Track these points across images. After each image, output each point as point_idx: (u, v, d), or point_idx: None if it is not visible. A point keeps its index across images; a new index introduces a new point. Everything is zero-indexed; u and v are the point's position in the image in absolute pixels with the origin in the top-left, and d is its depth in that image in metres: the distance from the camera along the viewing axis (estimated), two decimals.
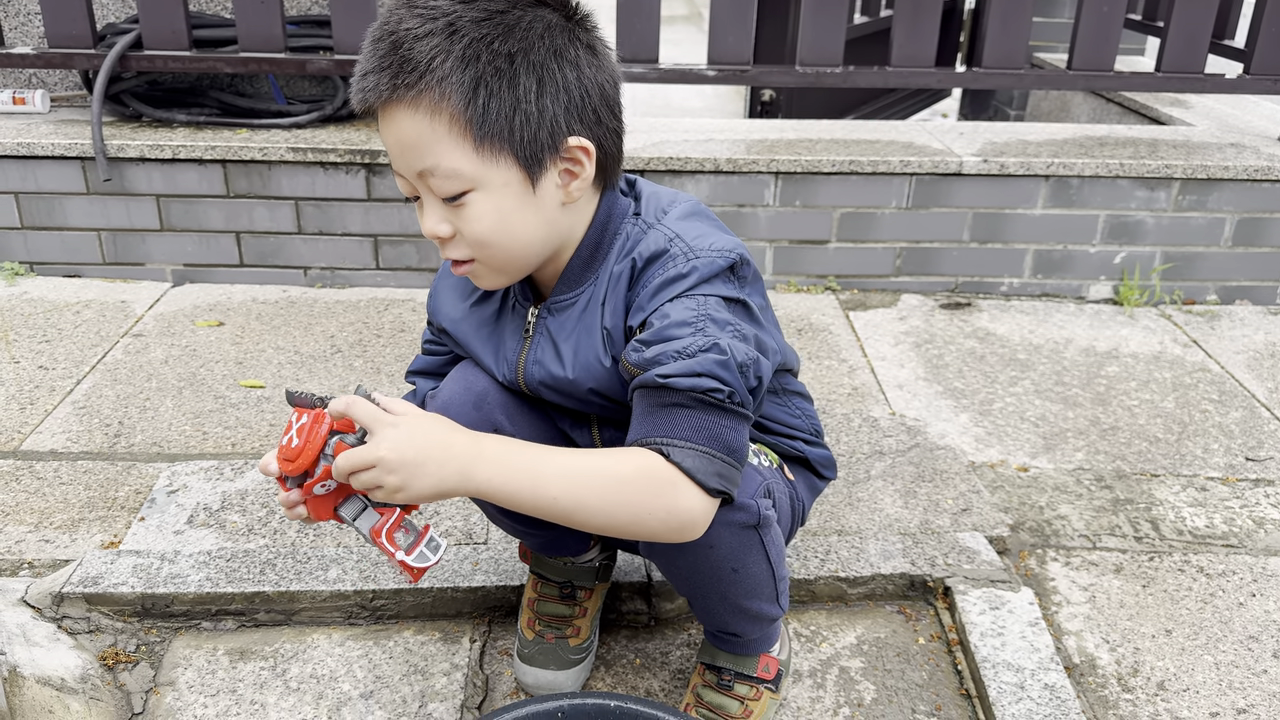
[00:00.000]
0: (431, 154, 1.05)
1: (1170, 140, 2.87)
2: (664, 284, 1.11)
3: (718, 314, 1.09)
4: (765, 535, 1.21)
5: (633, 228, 1.18)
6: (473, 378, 1.27)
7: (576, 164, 1.10)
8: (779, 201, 2.66)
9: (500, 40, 1.03)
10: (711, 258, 1.11)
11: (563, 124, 1.07)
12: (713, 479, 1.07)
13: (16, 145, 2.55)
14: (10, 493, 1.80)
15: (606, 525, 1.07)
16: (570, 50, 1.07)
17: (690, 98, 5.46)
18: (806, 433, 1.41)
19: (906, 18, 2.66)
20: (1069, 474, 1.96)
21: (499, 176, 1.07)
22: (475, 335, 1.28)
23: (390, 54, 1.04)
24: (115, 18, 2.89)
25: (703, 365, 1.05)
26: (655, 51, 2.62)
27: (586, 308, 1.18)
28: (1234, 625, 1.58)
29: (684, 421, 1.06)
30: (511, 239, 1.11)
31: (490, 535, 1.69)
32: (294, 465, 1.03)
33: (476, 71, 1.03)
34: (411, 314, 2.55)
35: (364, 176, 2.60)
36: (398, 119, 1.06)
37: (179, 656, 1.49)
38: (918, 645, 1.54)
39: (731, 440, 1.09)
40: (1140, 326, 2.61)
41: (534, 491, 1.04)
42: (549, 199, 1.11)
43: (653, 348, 1.08)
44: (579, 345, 1.19)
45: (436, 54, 1.02)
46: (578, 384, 1.20)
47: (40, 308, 2.52)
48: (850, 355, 2.41)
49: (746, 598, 1.26)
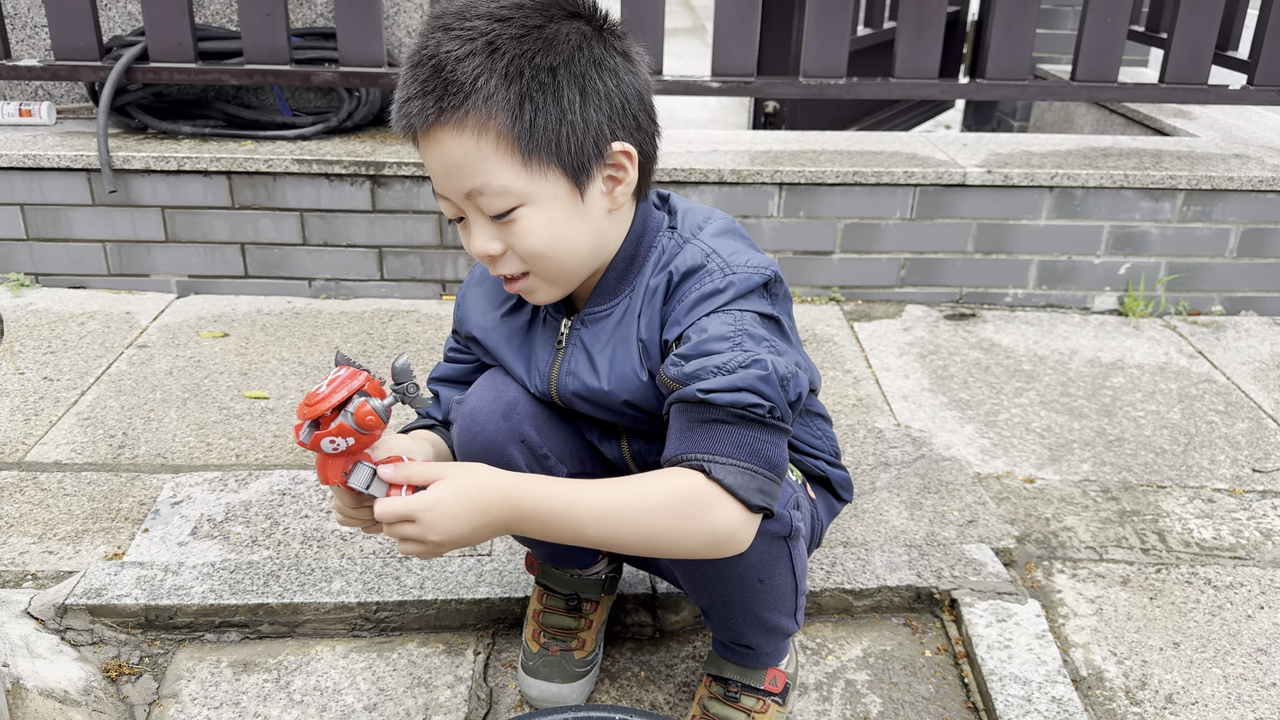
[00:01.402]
0: (480, 173, 1.06)
1: (1174, 151, 2.87)
2: (701, 298, 1.11)
3: (754, 329, 1.09)
4: (794, 547, 1.21)
5: (668, 241, 1.19)
6: (502, 386, 1.27)
7: (620, 169, 1.11)
8: (783, 212, 2.66)
9: (542, 54, 1.04)
10: (748, 274, 1.12)
11: (606, 132, 1.08)
12: (755, 495, 1.07)
13: (23, 157, 2.56)
14: (14, 504, 1.80)
15: (647, 551, 1.09)
16: (609, 59, 1.08)
17: (694, 110, 5.47)
18: (827, 454, 1.41)
19: (910, 29, 2.66)
20: (1075, 485, 1.96)
21: (548, 189, 1.07)
22: (506, 345, 1.28)
23: (433, 77, 1.04)
24: (121, 30, 2.90)
25: (744, 380, 1.05)
26: (660, 63, 2.63)
27: (622, 320, 1.19)
28: (1242, 638, 1.57)
29: (725, 437, 1.06)
30: (564, 250, 1.11)
31: (494, 547, 1.69)
32: (310, 410, 1.02)
33: (521, 87, 1.03)
34: (416, 325, 2.55)
35: (369, 188, 2.60)
36: (443, 141, 1.06)
37: (182, 668, 1.48)
38: (924, 658, 1.53)
39: (773, 455, 1.08)
40: (1145, 337, 2.60)
41: (572, 533, 1.07)
42: (596, 207, 1.12)
43: (692, 362, 1.08)
44: (615, 357, 1.19)
45: (480, 73, 1.03)
46: (613, 395, 1.20)
47: (45, 319, 2.52)
48: (855, 366, 2.41)
49: (767, 609, 1.25)
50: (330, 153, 2.61)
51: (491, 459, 1.27)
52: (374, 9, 2.54)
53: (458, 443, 1.28)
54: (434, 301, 2.71)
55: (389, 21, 2.90)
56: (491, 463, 1.27)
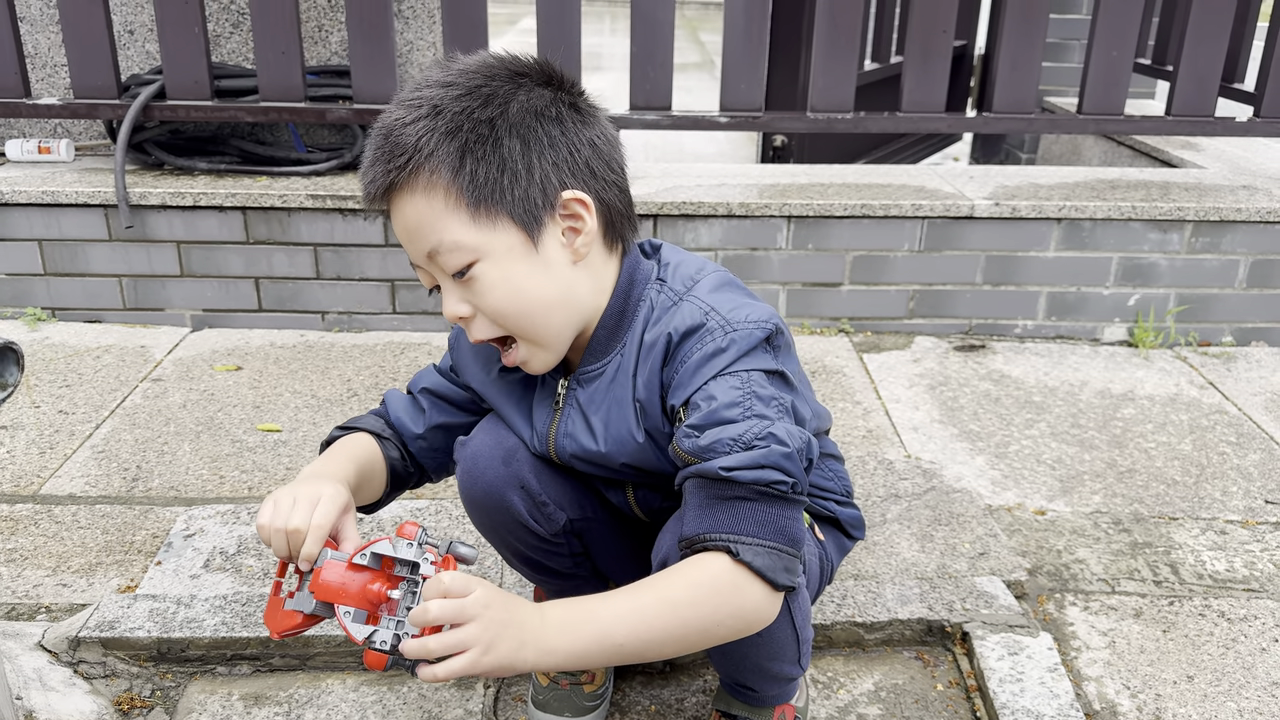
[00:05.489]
0: (434, 231, 1.08)
1: (1182, 183, 2.88)
2: (704, 359, 1.10)
3: (762, 390, 1.08)
4: (793, 602, 1.20)
5: (657, 294, 1.17)
6: (504, 431, 1.27)
7: (577, 219, 1.11)
8: (791, 245, 2.68)
9: (480, 109, 1.06)
10: (749, 330, 1.11)
11: (553, 179, 1.08)
12: (781, 574, 1.06)
13: (41, 193, 2.59)
14: (29, 536, 1.81)
15: (681, 650, 1.08)
16: (551, 109, 1.09)
17: (703, 143, 5.52)
18: (838, 493, 1.40)
19: (916, 64, 2.69)
20: (1086, 517, 1.95)
21: (501, 242, 1.08)
22: (505, 401, 1.27)
23: (383, 144, 1.08)
24: (139, 69, 2.95)
25: (767, 457, 1.04)
26: (668, 99, 2.66)
27: (615, 378, 1.18)
28: (1257, 671, 1.56)
29: (748, 516, 1.05)
30: (526, 304, 1.10)
31: (505, 579, 1.69)
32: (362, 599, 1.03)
33: (460, 141, 1.05)
34: (427, 357, 2.57)
35: (381, 222, 2.63)
36: (400, 206, 1.09)
37: (194, 702, 1.48)
38: (936, 691, 1.53)
39: (795, 532, 1.07)
40: (1156, 368, 2.60)
41: (601, 650, 1.04)
42: (556, 258, 1.11)
43: (706, 434, 1.06)
44: (610, 418, 1.18)
45: (423, 134, 1.06)
46: (610, 458, 1.19)
47: (61, 353, 2.55)
48: (864, 397, 2.41)
49: (769, 660, 1.25)
50: (344, 188, 2.64)
51: (491, 503, 1.27)
52: (387, 47, 2.58)
53: (460, 485, 1.29)
54: (445, 334, 2.73)
55: (402, 59, 2.95)
56: (491, 507, 1.28)
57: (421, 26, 2.95)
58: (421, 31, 2.95)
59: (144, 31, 2.93)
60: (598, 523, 1.33)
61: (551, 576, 1.37)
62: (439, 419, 1.33)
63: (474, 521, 1.34)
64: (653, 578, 1.07)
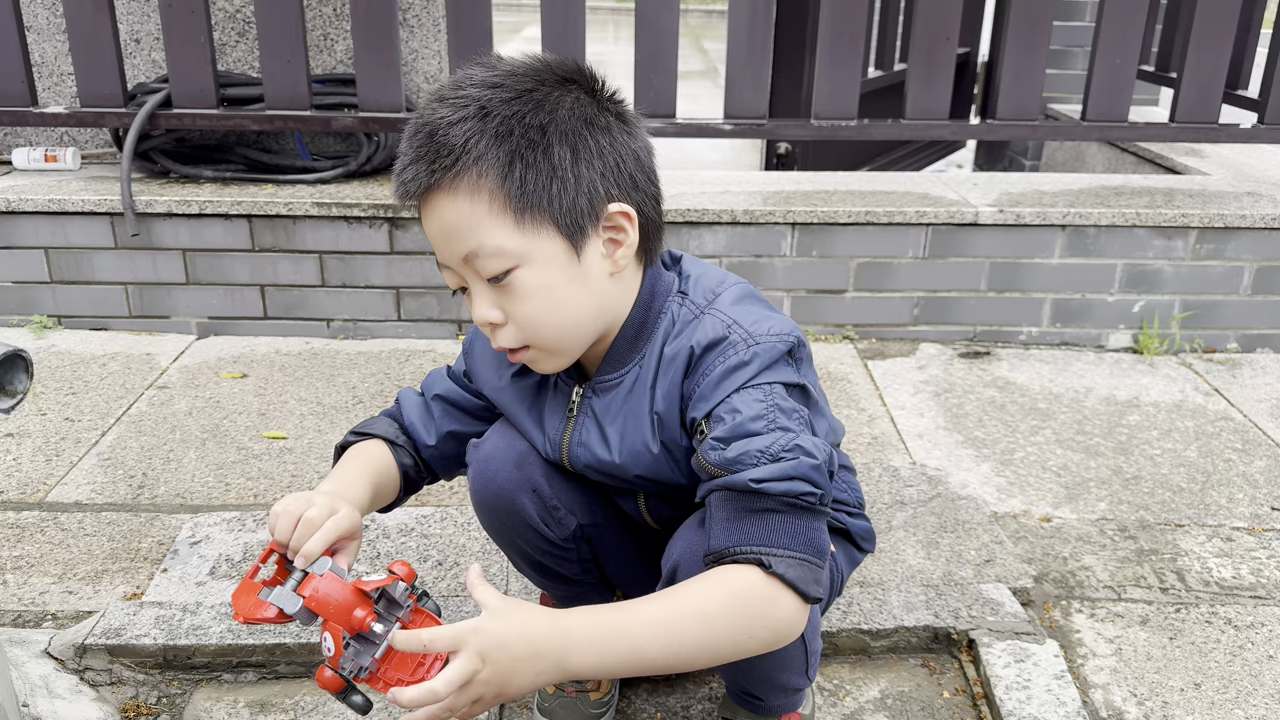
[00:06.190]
0: (475, 235, 1.06)
1: (1186, 189, 2.88)
2: (726, 372, 1.09)
3: (784, 402, 1.08)
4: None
5: (679, 307, 1.16)
6: (516, 436, 1.26)
7: (619, 231, 1.10)
8: (796, 252, 2.68)
9: (531, 114, 1.05)
10: (771, 343, 1.10)
11: (600, 190, 1.07)
12: (811, 586, 1.05)
13: (48, 201, 2.60)
14: (35, 544, 1.81)
15: (709, 663, 1.06)
16: (601, 118, 1.08)
17: (707, 151, 5.53)
18: (850, 505, 1.40)
19: (920, 71, 2.69)
20: (1092, 524, 1.95)
21: (543, 250, 1.06)
22: (518, 407, 1.27)
23: (426, 144, 1.06)
24: (145, 77, 2.97)
25: (796, 469, 1.04)
26: (673, 106, 2.66)
27: (633, 389, 1.17)
28: (1264, 679, 1.55)
29: (779, 528, 1.04)
30: (562, 315, 1.10)
31: (510, 586, 1.69)
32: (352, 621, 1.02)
33: (511, 145, 1.04)
34: (433, 364, 2.57)
35: (387, 230, 2.64)
36: (438, 207, 1.07)
37: (200, 709, 1.48)
38: (942, 699, 1.52)
39: (822, 543, 1.07)
40: (1161, 375, 2.60)
41: (633, 661, 1.02)
42: (595, 270, 1.10)
43: (733, 446, 1.06)
44: (626, 429, 1.17)
45: (471, 135, 1.04)
46: (624, 469, 1.19)
47: (67, 360, 2.55)
48: (869, 404, 2.41)
49: (777, 670, 1.25)
50: (349, 196, 2.65)
51: (503, 506, 1.27)
52: (393, 55, 2.59)
53: (472, 487, 1.29)
54: (450, 341, 2.73)
55: (407, 68, 2.96)
56: (502, 510, 1.27)
57: (426, 35, 2.96)
58: (426, 40, 2.96)
59: (150, 40, 2.94)
60: (608, 529, 1.33)
61: (559, 582, 1.37)
62: (450, 426, 1.33)
63: (484, 524, 1.34)
64: (679, 590, 1.06)
